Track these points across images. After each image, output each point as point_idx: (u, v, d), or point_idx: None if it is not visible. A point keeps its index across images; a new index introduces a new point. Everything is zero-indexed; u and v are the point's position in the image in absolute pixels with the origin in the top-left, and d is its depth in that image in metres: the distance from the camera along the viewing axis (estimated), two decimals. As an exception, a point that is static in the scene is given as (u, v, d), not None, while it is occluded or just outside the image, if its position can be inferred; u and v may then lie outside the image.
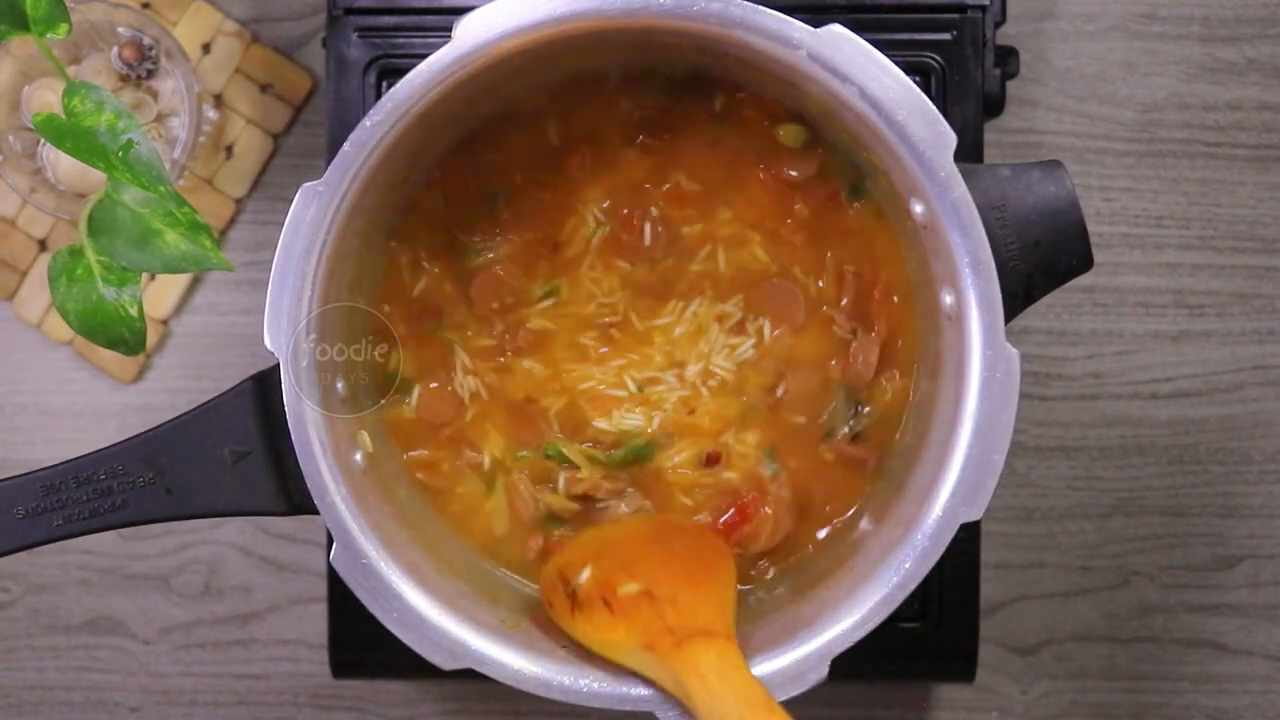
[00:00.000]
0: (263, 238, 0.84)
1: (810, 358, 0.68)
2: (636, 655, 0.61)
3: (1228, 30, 0.83)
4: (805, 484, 0.68)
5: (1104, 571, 0.83)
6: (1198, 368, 0.83)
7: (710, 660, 0.59)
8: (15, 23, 0.67)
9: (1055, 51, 0.83)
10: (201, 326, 0.84)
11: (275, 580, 0.84)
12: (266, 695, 0.84)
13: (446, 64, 0.59)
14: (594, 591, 0.65)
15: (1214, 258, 0.83)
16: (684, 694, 0.58)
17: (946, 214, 0.59)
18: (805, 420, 0.68)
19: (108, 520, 0.62)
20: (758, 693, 0.58)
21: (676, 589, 0.64)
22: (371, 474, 0.64)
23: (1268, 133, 0.83)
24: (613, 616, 0.63)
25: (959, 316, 0.60)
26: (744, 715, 0.57)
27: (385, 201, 0.64)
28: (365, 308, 0.66)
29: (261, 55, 0.83)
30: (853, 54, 0.59)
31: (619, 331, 0.68)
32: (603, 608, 0.63)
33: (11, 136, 0.79)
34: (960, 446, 0.60)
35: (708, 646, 0.60)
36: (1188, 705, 0.83)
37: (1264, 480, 0.83)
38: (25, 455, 0.84)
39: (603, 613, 0.63)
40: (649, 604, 0.63)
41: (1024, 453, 0.83)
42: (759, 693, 0.58)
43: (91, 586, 0.84)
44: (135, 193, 0.65)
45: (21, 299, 0.84)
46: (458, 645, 0.61)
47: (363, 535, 0.61)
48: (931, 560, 0.60)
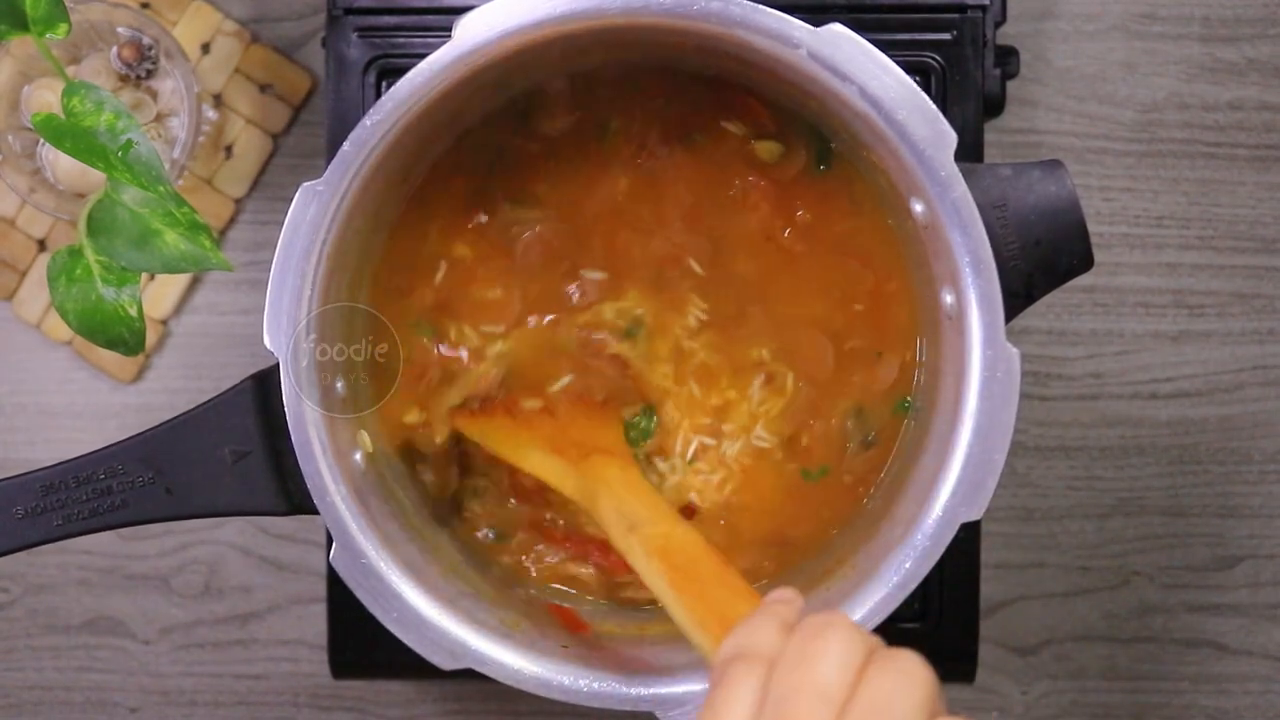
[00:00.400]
0: (262, 238, 0.84)
1: (832, 403, 0.68)
2: (539, 457, 0.64)
3: (1228, 30, 0.83)
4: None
5: (1104, 571, 0.83)
6: (1198, 368, 0.83)
7: (614, 473, 0.62)
8: (15, 23, 0.67)
9: (1055, 51, 0.83)
10: (201, 326, 0.84)
11: (275, 580, 0.84)
12: (266, 695, 0.84)
13: (446, 63, 0.59)
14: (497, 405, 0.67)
15: (1214, 258, 0.83)
16: (589, 499, 0.61)
17: (947, 213, 0.59)
18: (831, 465, 0.69)
19: (107, 520, 0.62)
20: (664, 504, 0.60)
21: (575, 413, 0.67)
22: (371, 474, 0.64)
23: (1268, 133, 0.83)
24: (515, 422, 0.66)
25: (959, 316, 0.60)
26: (654, 519, 0.59)
27: (385, 201, 0.64)
28: (365, 308, 0.66)
29: (261, 55, 0.83)
30: (853, 53, 0.59)
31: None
32: (504, 414, 0.66)
33: (11, 136, 0.78)
34: (960, 446, 0.60)
35: (610, 461, 0.63)
36: (1188, 705, 0.83)
37: (1264, 480, 0.83)
38: (25, 455, 0.84)
39: (504, 417, 0.66)
40: (550, 419, 0.66)
41: (1024, 453, 0.83)
42: (665, 504, 0.60)
43: (91, 586, 0.84)
44: (135, 193, 0.65)
45: (21, 299, 0.84)
46: (458, 645, 0.61)
47: (362, 535, 0.61)
48: (931, 560, 0.60)
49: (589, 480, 0.61)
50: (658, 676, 0.61)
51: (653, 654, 0.63)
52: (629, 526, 0.58)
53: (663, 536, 0.58)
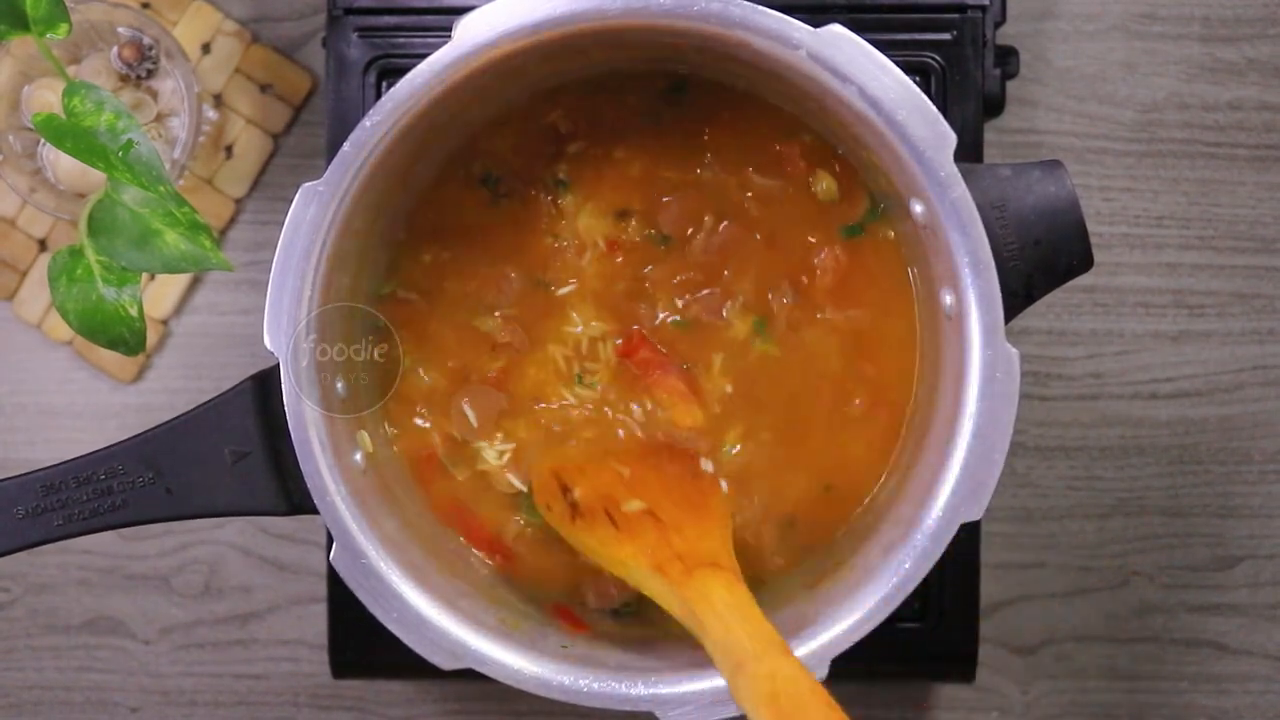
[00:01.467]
0: (263, 238, 0.84)
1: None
2: (644, 575, 0.60)
3: (1228, 30, 0.83)
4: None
5: (1104, 571, 0.83)
6: (1198, 368, 0.83)
7: (721, 594, 0.59)
8: (15, 23, 0.67)
9: (1055, 51, 0.83)
10: (201, 326, 0.84)
11: (275, 580, 0.84)
12: (266, 695, 0.84)
13: (446, 64, 0.59)
14: (595, 504, 0.64)
15: (1214, 258, 0.83)
16: (695, 623, 0.58)
17: (946, 214, 0.59)
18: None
19: (108, 520, 0.62)
20: (771, 632, 0.57)
21: (679, 516, 0.63)
22: (371, 474, 0.64)
23: (1268, 133, 0.83)
24: (618, 533, 0.62)
25: (959, 316, 0.60)
26: (759, 653, 0.56)
27: (385, 201, 0.64)
28: (365, 308, 0.66)
29: (261, 55, 0.83)
30: (853, 54, 0.59)
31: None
32: (606, 521, 0.63)
33: (11, 136, 0.79)
34: (960, 446, 0.60)
35: (715, 578, 0.60)
36: (1188, 705, 0.83)
37: (1264, 480, 0.83)
38: (25, 455, 0.84)
39: (606, 526, 0.62)
40: (654, 526, 0.62)
41: (1024, 453, 0.83)
42: (772, 632, 0.57)
43: (91, 586, 0.84)
44: (135, 193, 0.65)
45: (21, 299, 0.84)
46: (458, 645, 0.61)
47: (363, 535, 0.61)
48: (931, 560, 0.60)
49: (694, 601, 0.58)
50: (658, 676, 0.61)
51: (653, 654, 0.63)
52: (735, 665, 0.56)
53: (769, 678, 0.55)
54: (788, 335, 0.68)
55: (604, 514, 0.63)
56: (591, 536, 0.63)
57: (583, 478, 0.66)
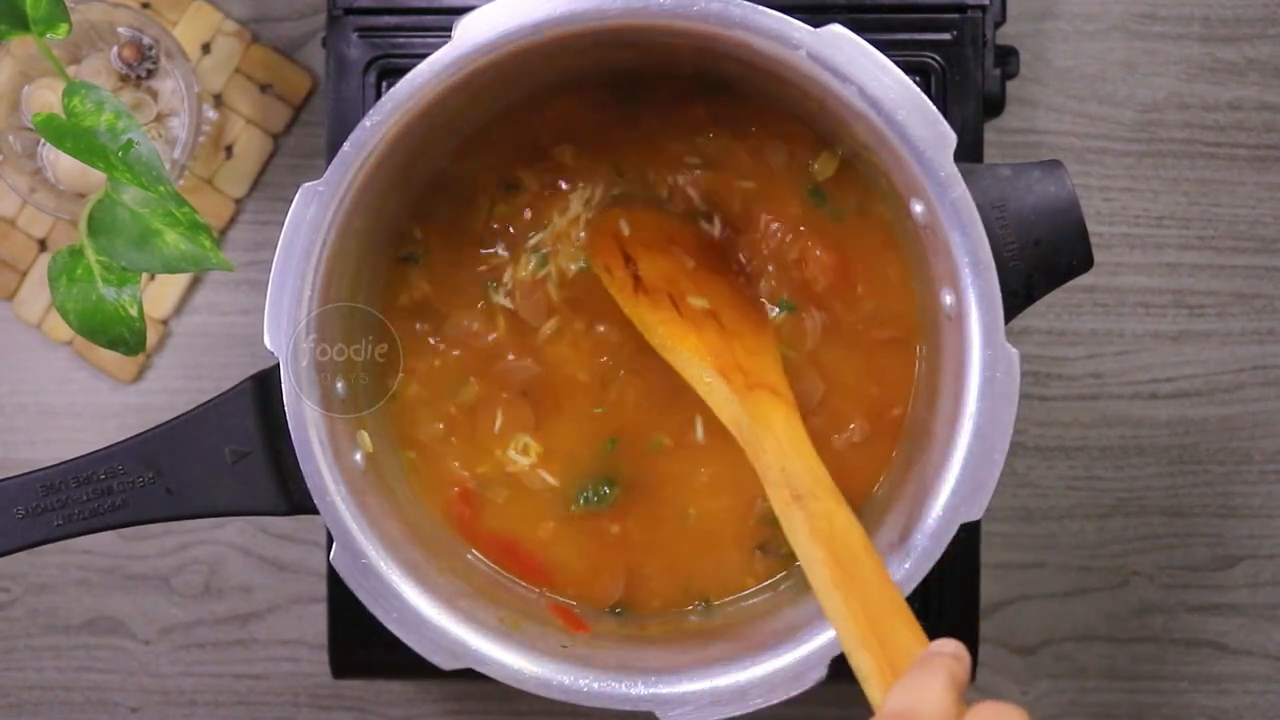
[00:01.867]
0: (263, 238, 0.84)
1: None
2: (704, 374, 0.59)
3: (1228, 30, 0.83)
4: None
5: (1104, 571, 0.83)
6: (1198, 368, 0.83)
7: (781, 422, 0.58)
8: (15, 23, 0.67)
9: (1055, 51, 0.83)
10: (201, 326, 0.84)
11: (275, 580, 0.84)
12: (266, 695, 0.84)
13: (446, 64, 0.59)
14: (660, 285, 0.62)
15: (1214, 258, 0.83)
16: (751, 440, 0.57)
17: (946, 214, 0.59)
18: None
19: (108, 520, 0.62)
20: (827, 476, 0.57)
21: (741, 325, 0.62)
22: (371, 474, 0.64)
23: (1268, 133, 0.83)
24: (684, 320, 0.61)
25: (959, 316, 0.60)
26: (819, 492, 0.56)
27: (385, 201, 0.64)
28: (365, 308, 0.66)
29: (261, 55, 0.83)
30: (853, 54, 0.59)
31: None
32: (670, 305, 0.61)
33: (11, 136, 0.79)
34: (960, 446, 0.60)
35: (777, 404, 0.59)
36: (1188, 705, 0.83)
37: (1264, 480, 0.83)
38: (25, 455, 0.84)
39: (671, 310, 0.61)
40: (717, 327, 0.61)
41: (1024, 453, 0.83)
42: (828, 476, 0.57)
43: (91, 586, 0.84)
44: (135, 193, 0.65)
45: (21, 299, 0.84)
46: (458, 645, 0.61)
47: (363, 535, 0.61)
48: (931, 560, 0.60)
49: (754, 419, 0.57)
50: (658, 676, 0.61)
51: (653, 654, 0.63)
52: (794, 494, 0.55)
53: (827, 517, 0.55)
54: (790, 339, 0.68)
55: (668, 298, 0.61)
56: (654, 314, 0.61)
57: (647, 254, 0.64)
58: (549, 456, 0.68)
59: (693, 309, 0.62)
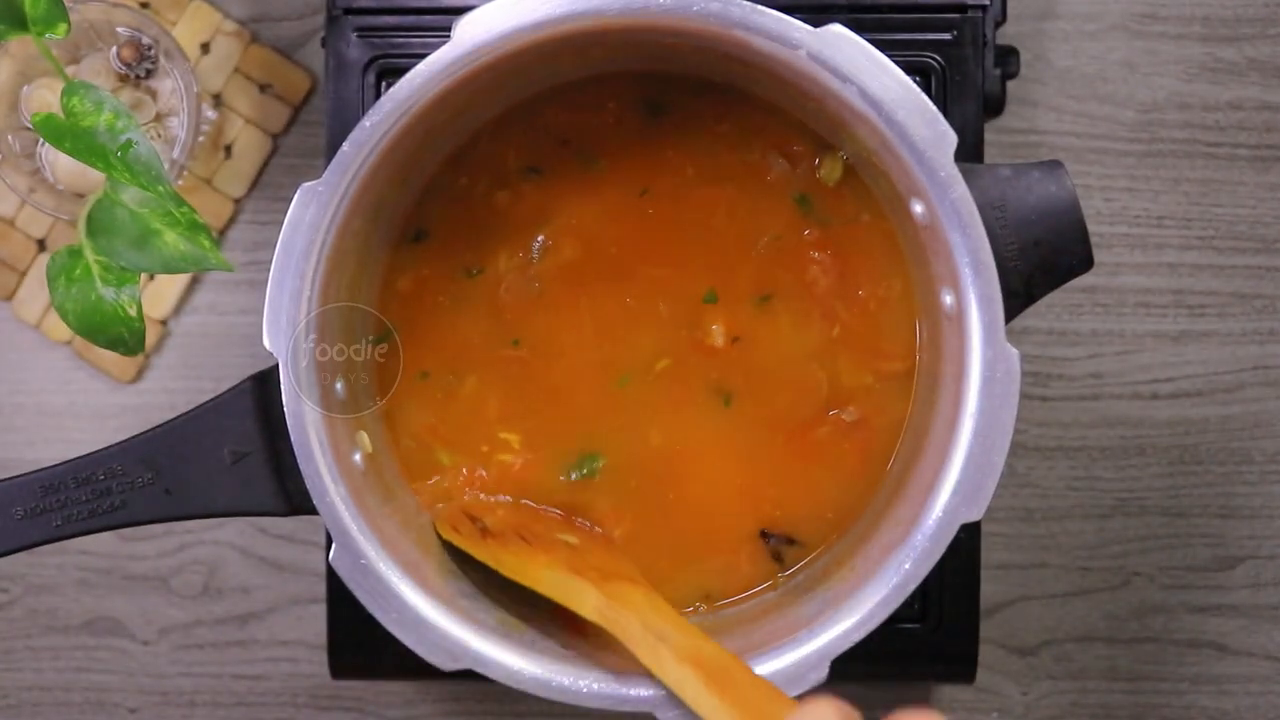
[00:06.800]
0: (262, 238, 0.84)
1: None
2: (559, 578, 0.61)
3: (1228, 30, 0.83)
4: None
5: (1104, 572, 0.83)
6: (1198, 368, 0.83)
7: (640, 597, 0.59)
8: (14, 22, 0.67)
9: (1055, 51, 0.83)
10: (201, 326, 0.84)
11: (275, 580, 0.84)
12: (266, 696, 0.84)
13: (446, 64, 0.59)
14: (508, 529, 0.64)
15: (1214, 258, 0.83)
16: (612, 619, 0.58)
17: (946, 214, 0.59)
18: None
19: (107, 520, 0.62)
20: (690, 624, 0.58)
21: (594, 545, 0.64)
22: (371, 474, 0.64)
23: (1268, 133, 0.83)
24: (532, 548, 0.63)
25: (959, 316, 0.60)
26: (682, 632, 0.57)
27: (385, 201, 0.64)
28: (365, 308, 0.66)
29: (261, 55, 0.83)
30: (853, 54, 0.59)
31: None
32: (519, 540, 0.63)
33: (10, 136, 0.78)
34: (960, 446, 0.59)
35: (635, 588, 0.60)
36: (1188, 706, 0.83)
37: (1265, 481, 0.83)
38: (25, 455, 0.84)
39: (519, 543, 0.63)
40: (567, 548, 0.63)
41: (1024, 453, 0.83)
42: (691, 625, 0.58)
43: (91, 587, 0.84)
44: (134, 193, 0.65)
45: (21, 299, 0.84)
46: (457, 645, 0.61)
47: (362, 535, 0.61)
48: (931, 561, 0.60)
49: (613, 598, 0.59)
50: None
51: (652, 654, 0.63)
52: (657, 638, 0.57)
53: (694, 647, 0.56)
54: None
55: (516, 536, 0.64)
56: (503, 550, 0.63)
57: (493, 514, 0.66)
58: (542, 454, 0.68)
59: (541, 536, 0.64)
